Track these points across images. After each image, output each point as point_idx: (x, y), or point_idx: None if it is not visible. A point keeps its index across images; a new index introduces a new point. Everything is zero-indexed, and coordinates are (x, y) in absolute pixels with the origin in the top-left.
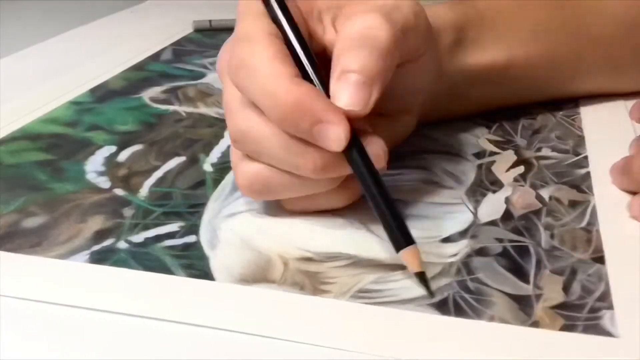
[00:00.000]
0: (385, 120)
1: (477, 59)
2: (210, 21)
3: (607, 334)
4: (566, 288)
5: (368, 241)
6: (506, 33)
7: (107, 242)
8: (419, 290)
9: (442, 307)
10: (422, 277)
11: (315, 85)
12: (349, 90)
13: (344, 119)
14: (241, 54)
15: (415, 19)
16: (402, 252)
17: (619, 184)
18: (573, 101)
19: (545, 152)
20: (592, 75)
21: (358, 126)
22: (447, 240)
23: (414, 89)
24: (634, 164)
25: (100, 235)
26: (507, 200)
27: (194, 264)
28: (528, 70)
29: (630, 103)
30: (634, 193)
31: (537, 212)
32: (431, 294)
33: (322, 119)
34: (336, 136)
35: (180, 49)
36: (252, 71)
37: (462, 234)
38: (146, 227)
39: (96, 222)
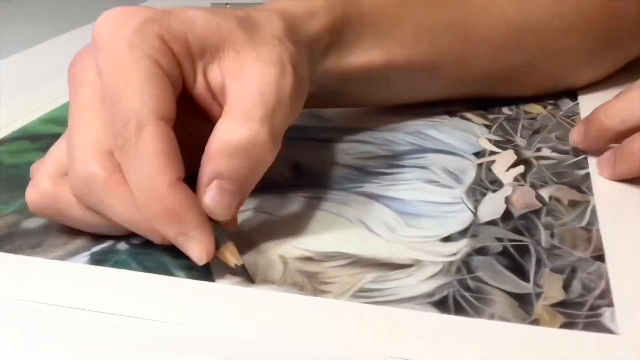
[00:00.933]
0: None
1: (352, 60)
2: (227, 4)
3: (608, 331)
4: (566, 286)
5: (368, 240)
6: (387, 34)
7: (107, 243)
8: (419, 289)
9: (442, 305)
10: (243, 269)
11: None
12: (219, 197)
13: (210, 236)
14: (127, 131)
15: (295, 94)
16: (220, 250)
17: (612, 171)
18: (573, 101)
19: (545, 152)
20: (481, 78)
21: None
22: (447, 239)
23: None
24: (635, 145)
25: (100, 236)
26: (507, 199)
27: (194, 264)
28: (408, 71)
29: None
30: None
31: (537, 212)
32: (252, 280)
33: (189, 233)
34: (198, 253)
35: None
36: (136, 157)
37: (462, 234)
38: None
39: None
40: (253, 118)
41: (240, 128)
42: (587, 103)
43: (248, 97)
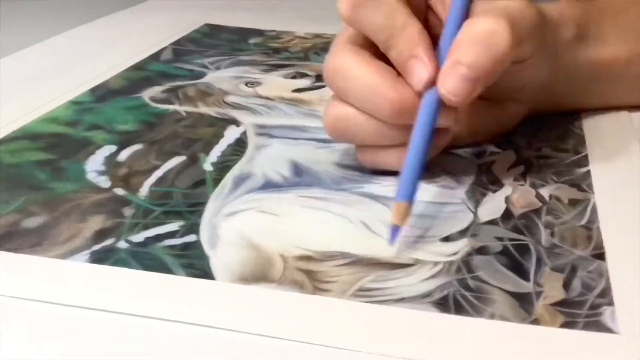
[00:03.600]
0: (493, 105)
1: (599, 54)
2: None
3: (608, 330)
4: (566, 285)
5: (368, 240)
6: (627, 29)
7: (107, 242)
8: (419, 289)
9: (443, 305)
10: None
11: None
12: (455, 80)
13: (434, 65)
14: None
15: (534, 28)
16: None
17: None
18: None
19: (546, 151)
20: None
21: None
22: (447, 239)
23: (522, 83)
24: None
25: (100, 235)
26: (507, 199)
27: (194, 263)
28: (624, 64)
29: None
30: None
31: (537, 211)
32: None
33: (418, 55)
34: (421, 74)
35: (180, 49)
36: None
37: (462, 233)
38: (146, 227)
39: (96, 222)
40: (498, 16)
41: (485, 21)
42: None
43: (494, 8)
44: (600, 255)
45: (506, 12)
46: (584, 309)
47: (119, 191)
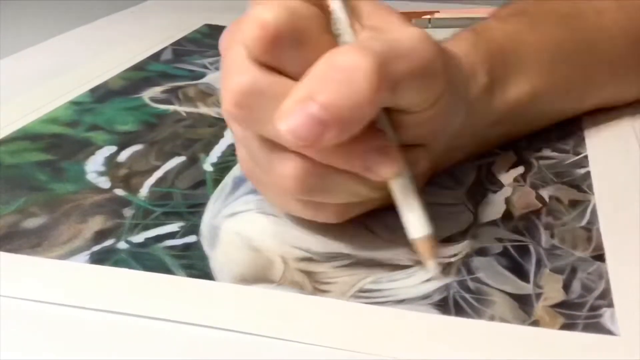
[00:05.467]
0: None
1: (505, 99)
2: None
3: (608, 332)
4: (566, 286)
5: (368, 241)
6: (528, 65)
7: (108, 243)
8: (419, 290)
9: (443, 306)
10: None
11: None
12: (301, 119)
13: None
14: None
15: (425, 72)
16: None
17: None
18: None
19: (545, 152)
20: (599, 92)
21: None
22: (447, 240)
23: (421, 138)
24: None
25: (100, 236)
26: (507, 200)
27: (194, 264)
28: (547, 99)
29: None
30: None
31: (537, 212)
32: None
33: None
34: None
35: (180, 49)
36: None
37: (463, 234)
38: (146, 227)
39: (96, 223)
40: (368, 49)
41: (348, 53)
42: None
43: (377, 38)
44: (600, 257)
45: (384, 45)
46: (583, 310)
47: (119, 192)
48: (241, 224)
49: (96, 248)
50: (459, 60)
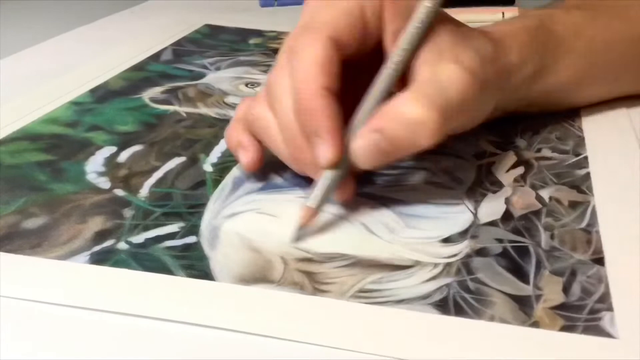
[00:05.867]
0: None
1: (545, 87)
2: None
3: (607, 334)
4: (566, 289)
5: (368, 241)
6: (577, 58)
7: (108, 243)
8: (419, 290)
9: (442, 306)
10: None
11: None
12: (367, 144)
13: (338, 145)
14: (297, 41)
15: (475, 96)
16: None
17: None
18: None
19: (545, 152)
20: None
21: None
22: (447, 240)
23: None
24: None
25: (100, 236)
26: (507, 200)
27: (194, 264)
28: (587, 89)
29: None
30: None
31: (537, 213)
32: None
33: (322, 136)
34: (323, 154)
35: (180, 49)
36: (296, 63)
37: (462, 235)
38: (146, 228)
39: (96, 223)
40: (434, 105)
41: (419, 108)
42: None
43: (437, 88)
44: (599, 260)
45: (439, 93)
46: (583, 313)
47: (119, 192)
48: (241, 224)
49: (96, 248)
50: (509, 51)
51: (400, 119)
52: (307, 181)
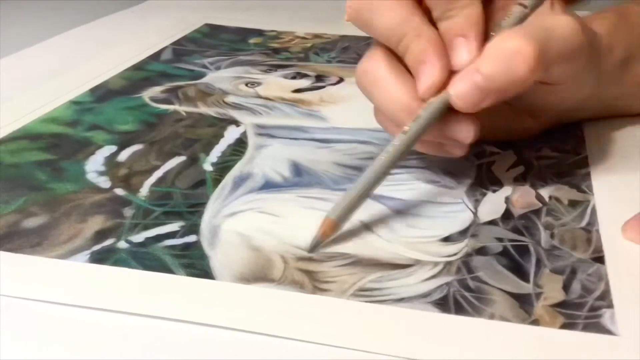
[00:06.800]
0: (508, 112)
1: (634, 77)
2: None
3: (607, 332)
4: (566, 287)
5: (368, 240)
6: None
7: (108, 242)
8: (419, 289)
9: (442, 305)
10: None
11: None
12: (467, 85)
13: (443, 71)
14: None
15: (573, 53)
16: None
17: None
18: None
19: (546, 151)
20: None
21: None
22: (447, 239)
23: (548, 105)
24: None
25: (100, 235)
26: (507, 199)
27: (194, 263)
28: None
29: None
30: None
31: (537, 212)
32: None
33: (426, 60)
34: (426, 80)
35: (180, 49)
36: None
37: (462, 234)
38: (146, 227)
39: (96, 222)
40: (530, 36)
41: (516, 40)
42: None
43: (540, 28)
44: (599, 259)
45: (542, 33)
46: (583, 310)
47: (119, 191)
48: (241, 223)
49: (96, 247)
50: (600, 36)
51: (497, 53)
52: (307, 181)
